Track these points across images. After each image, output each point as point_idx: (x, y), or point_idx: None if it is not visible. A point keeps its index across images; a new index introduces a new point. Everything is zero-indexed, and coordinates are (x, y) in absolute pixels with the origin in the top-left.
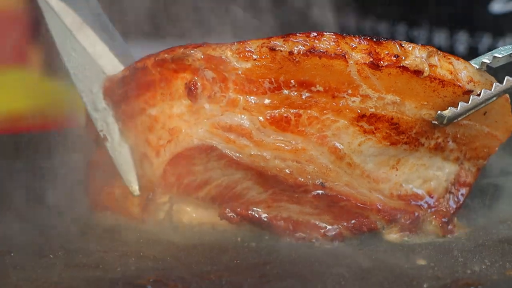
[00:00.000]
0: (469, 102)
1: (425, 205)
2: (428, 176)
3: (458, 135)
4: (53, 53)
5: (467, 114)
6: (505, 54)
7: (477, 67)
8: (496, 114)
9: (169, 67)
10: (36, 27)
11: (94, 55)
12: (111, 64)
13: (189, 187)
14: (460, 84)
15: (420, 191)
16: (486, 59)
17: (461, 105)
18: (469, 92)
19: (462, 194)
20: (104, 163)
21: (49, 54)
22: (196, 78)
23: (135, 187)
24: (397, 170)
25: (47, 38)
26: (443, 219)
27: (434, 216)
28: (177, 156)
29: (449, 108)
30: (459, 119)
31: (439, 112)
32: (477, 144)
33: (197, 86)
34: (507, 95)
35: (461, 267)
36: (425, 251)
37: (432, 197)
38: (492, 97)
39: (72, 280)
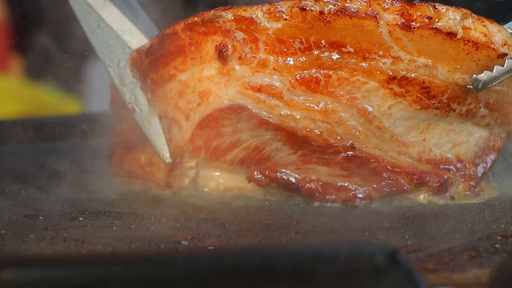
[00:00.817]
0: (505, 65)
1: (454, 169)
2: (458, 141)
3: (491, 101)
4: (35, 60)
5: (503, 78)
6: None
7: (511, 31)
8: None
9: (199, 30)
10: (18, 35)
11: (118, 30)
12: (136, 39)
13: (218, 150)
14: (495, 47)
15: (449, 155)
16: None
17: (496, 69)
18: (503, 55)
19: (490, 159)
20: (128, 134)
21: (31, 61)
22: (226, 39)
23: (166, 155)
24: (427, 134)
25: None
26: (471, 183)
27: (462, 180)
28: (207, 118)
29: (484, 71)
30: (494, 83)
31: (474, 75)
32: (509, 110)
33: (227, 47)
34: None
35: (495, 223)
36: (456, 210)
37: (461, 162)
38: None
39: (106, 238)
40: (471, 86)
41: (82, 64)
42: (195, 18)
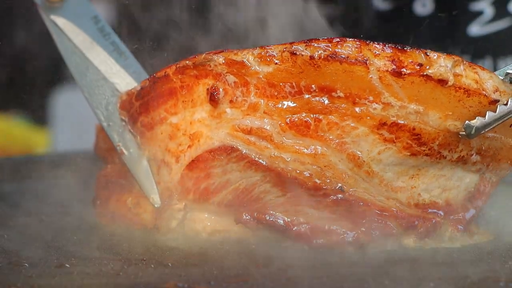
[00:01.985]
0: (497, 111)
1: (442, 213)
2: (447, 186)
3: (483, 148)
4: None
5: (495, 125)
6: None
7: (501, 78)
8: None
9: (190, 73)
10: None
11: (106, 73)
12: (125, 81)
13: (206, 191)
14: (486, 94)
15: (438, 200)
16: (510, 69)
17: (489, 115)
18: (495, 102)
19: (480, 203)
20: (113, 177)
21: None
22: (218, 83)
23: (155, 198)
24: (416, 180)
25: None
26: (460, 226)
27: (451, 223)
28: (197, 159)
29: (476, 118)
30: (487, 130)
31: (467, 122)
32: (501, 156)
33: (219, 91)
34: None
35: (486, 267)
36: (446, 254)
37: (450, 206)
38: None
39: (95, 286)
40: (463, 133)
41: (50, 95)
42: (187, 62)
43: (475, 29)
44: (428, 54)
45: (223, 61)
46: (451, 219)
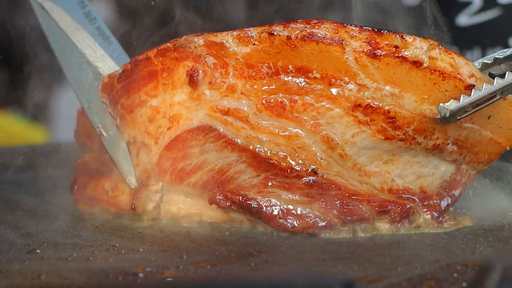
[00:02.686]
0: (471, 95)
1: (417, 199)
2: (422, 173)
3: (460, 138)
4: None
5: (471, 111)
6: (506, 55)
7: (478, 67)
8: (501, 119)
9: (171, 55)
10: None
11: (90, 57)
12: (108, 66)
13: (183, 172)
14: (462, 78)
15: (412, 186)
16: (486, 59)
17: (463, 98)
18: (470, 86)
19: (456, 193)
20: (91, 164)
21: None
22: (197, 64)
23: (132, 180)
24: (390, 165)
25: None
26: (435, 213)
27: (425, 210)
28: (176, 139)
29: (451, 100)
30: (463, 116)
31: (441, 104)
32: (478, 149)
33: (198, 72)
34: None
35: (457, 252)
36: (418, 240)
37: (424, 192)
38: (495, 92)
39: (63, 271)
40: (438, 116)
41: (49, 92)
42: (168, 44)
43: (464, 19)
44: (404, 36)
45: (203, 43)
46: (426, 205)
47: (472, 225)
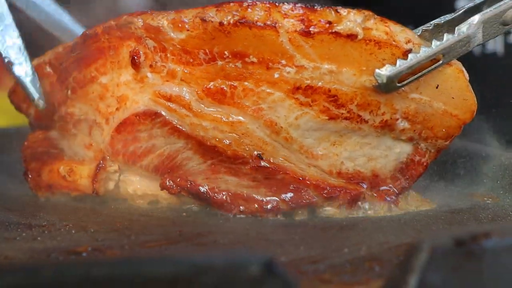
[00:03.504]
0: (408, 59)
1: (365, 185)
2: (373, 155)
3: (410, 112)
4: None
5: (413, 78)
6: (447, 19)
7: (418, 34)
8: (451, 88)
9: (115, 34)
10: None
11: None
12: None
13: (134, 154)
14: (398, 44)
15: (363, 170)
16: (426, 26)
17: (399, 62)
18: (408, 52)
19: (415, 173)
20: (39, 147)
21: None
22: (139, 46)
23: (40, 101)
24: (338, 147)
25: None
26: (387, 198)
27: (376, 195)
28: (124, 122)
29: (386, 65)
30: (405, 83)
31: (376, 70)
32: (433, 123)
33: (139, 54)
34: (460, 66)
35: (406, 234)
36: (371, 223)
37: (376, 176)
38: (434, 55)
39: (5, 250)
40: (377, 84)
41: None
42: (112, 22)
43: (463, 2)
44: (338, 11)
45: (142, 25)
46: (377, 190)
47: (433, 208)
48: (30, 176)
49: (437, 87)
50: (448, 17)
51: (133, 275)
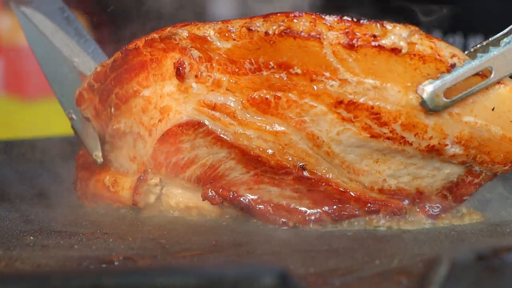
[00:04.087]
0: (451, 72)
1: (411, 200)
2: (419, 174)
3: (464, 137)
4: None
5: (462, 95)
6: (495, 37)
7: (465, 52)
8: (509, 111)
9: (158, 46)
10: None
11: (66, 53)
12: (83, 59)
13: (177, 166)
14: (442, 59)
15: (407, 187)
16: (474, 47)
17: (441, 76)
18: (453, 66)
19: (463, 193)
20: (90, 157)
21: None
22: (183, 57)
23: (98, 154)
24: (381, 165)
25: None
26: (431, 212)
27: (419, 210)
28: (167, 133)
29: (429, 79)
30: (453, 100)
31: (419, 86)
32: (490, 148)
33: (184, 65)
34: None
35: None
36: (409, 235)
37: (421, 193)
38: (479, 67)
39: (39, 258)
40: (421, 100)
41: None
42: (154, 35)
43: None
44: (384, 25)
45: (187, 35)
46: (421, 207)
47: (482, 221)
48: (78, 185)
49: (493, 109)
50: (497, 36)
51: (141, 285)
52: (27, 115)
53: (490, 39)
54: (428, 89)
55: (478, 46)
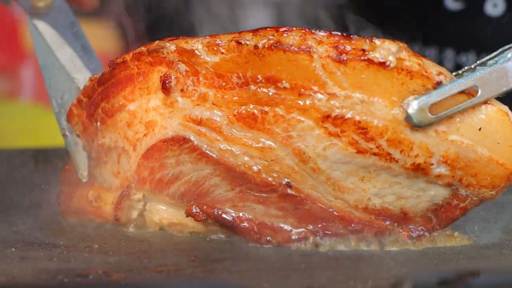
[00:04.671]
0: (437, 89)
1: (394, 221)
2: (404, 194)
3: (450, 156)
4: None
5: (447, 112)
6: (484, 60)
7: (454, 74)
8: (496, 132)
9: (145, 60)
10: None
11: (68, 68)
12: (83, 76)
13: (161, 182)
14: (429, 76)
15: (391, 207)
16: (462, 70)
17: (427, 92)
18: (439, 83)
19: (448, 217)
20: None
21: None
22: (170, 71)
23: (84, 173)
24: (367, 183)
25: None
26: (413, 234)
27: (402, 232)
28: (151, 148)
29: (415, 95)
30: (438, 116)
31: (404, 100)
32: (477, 170)
33: (170, 79)
34: (505, 108)
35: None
36: (391, 257)
37: (405, 214)
38: (465, 85)
39: (19, 270)
40: (406, 115)
41: None
42: (142, 48)
43: None
44: (373, 40)
45: (174, 49)
46: (405, 228)
47: (466, 244)
48: (62, 198)
49: (479, 130)
50: (486, 58)
51: None
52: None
53: (478, 61)
54: (413, 103)
55: (466, 68)
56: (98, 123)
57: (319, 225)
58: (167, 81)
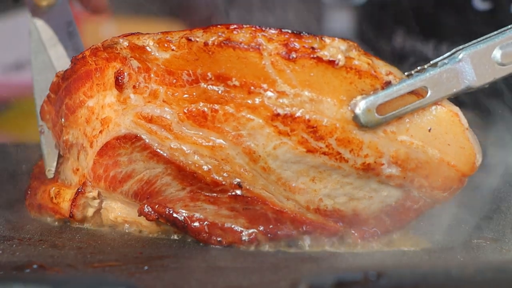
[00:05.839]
0: (385, 88)
1: (347, 223)
2: (356, 196)
3: (400, 157)
4: None
5: (396, 113)
6: (437, 60)
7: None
8: (446, 133)
9: (102, 55)
10: None
11: (57, 67)
12: None
13: (115, 180)
14: (378, 76)
15: (343, 208)
16: (414, 70)
17: (375, 92)
18: (388, 83)
19: (402, 219)
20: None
21: None
22: (124, 67)
23: (51, 171)
24: (318, 183)
25: None
26: (366, 236)
27: (355, 234)
28: (105, 146)
29: (362, 95)
30: (385, 117)
31: (352, 100)
32: (428, 171)
33: (123, 75)
34: (456, 109)
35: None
36: (338, 257)
37: (357, 215)
38: (412, 85)
39: None
40: (354, 115)
41: None
42: (99, 44)
43: None
44: (323, 38)
45: (127, 45)
46: (358, 229)
47: (426, 247)
48: (28, 193)
49: (429, 130)
50: (437, 59)
51: None
52: None
53: (430, 62)
54: (360, 103)
55: (418, 68)
56: (63, 120)
57: (270, 226)
58: (120, 77)
